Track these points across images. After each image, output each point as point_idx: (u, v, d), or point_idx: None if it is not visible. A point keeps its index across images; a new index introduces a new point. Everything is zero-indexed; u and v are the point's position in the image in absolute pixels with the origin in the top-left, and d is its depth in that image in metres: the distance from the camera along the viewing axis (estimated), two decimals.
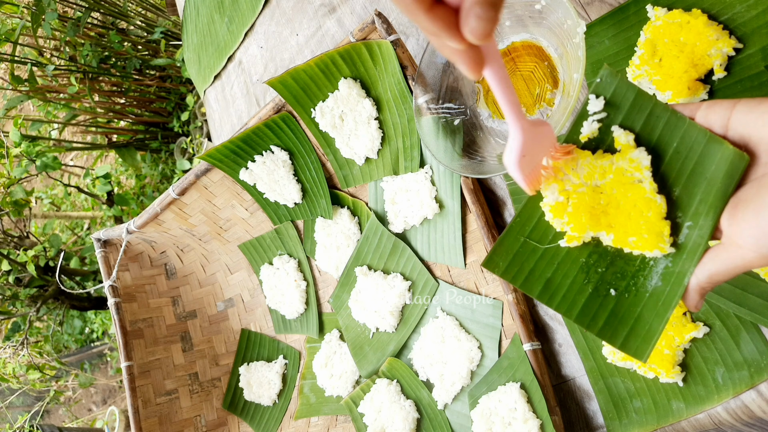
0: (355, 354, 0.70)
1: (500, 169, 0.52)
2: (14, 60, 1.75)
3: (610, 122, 0.36)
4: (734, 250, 0.31)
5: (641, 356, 0.33)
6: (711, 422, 0.47)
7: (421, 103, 0.59)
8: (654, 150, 0.35)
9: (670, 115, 0.34)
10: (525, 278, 0.36)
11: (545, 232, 0.37)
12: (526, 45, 0.57)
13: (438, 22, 0.26)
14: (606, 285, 0.35)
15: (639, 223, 0.34)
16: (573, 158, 0.36)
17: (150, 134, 2.30)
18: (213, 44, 1.05)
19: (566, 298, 0.36)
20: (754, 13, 0.46)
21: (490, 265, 0.37)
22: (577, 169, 0.36)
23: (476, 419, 0.56)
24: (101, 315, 2.59)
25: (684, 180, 0.34)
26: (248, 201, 0.81)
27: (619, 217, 0.34)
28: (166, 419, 0.82)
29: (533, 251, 0.37)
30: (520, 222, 0.37)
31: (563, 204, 0.35)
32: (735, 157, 0.32)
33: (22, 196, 1.76)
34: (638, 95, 0.35)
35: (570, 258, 0.36)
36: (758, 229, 0.29)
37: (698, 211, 0.33)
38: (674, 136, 0.34)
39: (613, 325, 0.34)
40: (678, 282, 0.33)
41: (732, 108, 0.32)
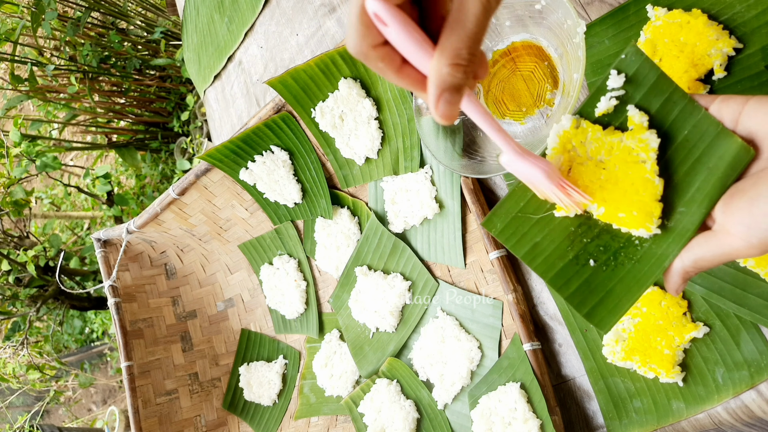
0: (355, 354, 0.70)
1: (500, 169, 0.52)
2: (14, 60, 1.75)
3: (627, 100, 0.36)
4: (724, 237, 0.31)
5: (603, 328, 0.34)
6: (711, 422, 0.47)
7: (421, 103, 0.59)
8: (664, 134, 0.35)
9: (687, 103, 0.34)
10: (517, 240, 0.38)
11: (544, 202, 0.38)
12: (526, 45, 0.57)
13: (407, 81, 0.30)
14: (587, 255, 0.36)
15: (632, 201, 0.34)
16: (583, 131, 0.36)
17: (150, 134, 2.30)
18: (213, 44, 1.05)
19: (547, 260, 0.37)
20: (754, 13, 0.46)
21: (488, 225, 0.39)
22: (585, 143, 0.36)
23: (476, 419, 0.56)
24: (101, 315, 2.59)
25: (687, 167, 0.34)
26: (248, 201, 0.81)
27: (615, 192, 0.35)
28: (166, 419, 0.82)
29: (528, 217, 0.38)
30: (522, 187, 0.38)
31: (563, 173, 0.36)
32: (740, 150, 0.32)
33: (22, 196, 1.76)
34: (660, 78, 0.35)
35: (560, 226, 0.37)
36: (750, 218, 0.30)
37: (694, 198, 0.34)
38: (687, 123, 0.34)
39: (585, 293, 0.36)
40: (657, 264, 0.34)
41: (744, 103, 0.33)
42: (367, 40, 0.28)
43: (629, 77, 0.36)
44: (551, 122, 0.53)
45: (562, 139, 0.37)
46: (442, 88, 0.28)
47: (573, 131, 0.37)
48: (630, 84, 0.36)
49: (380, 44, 0.29)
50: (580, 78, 0.45)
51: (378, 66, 0.29)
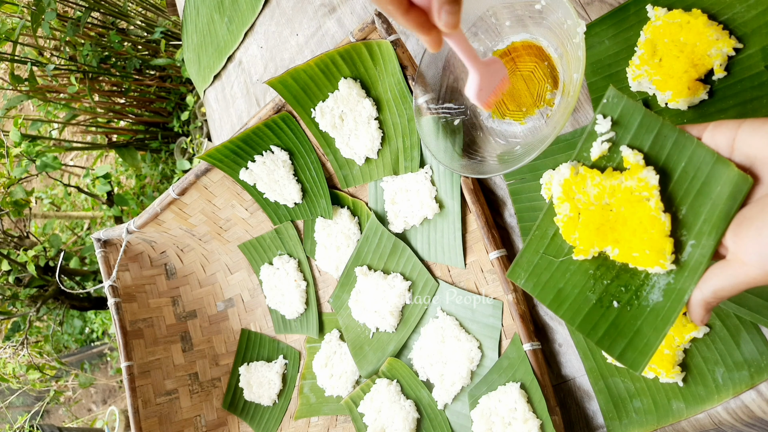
0: (355, 354, 0.70)
1: (500, 169, 0.52)
2: (14, 60, 1.75)
3: (618, 141, 0.37)
4: (739, 267, 0.31)
5: (637, 368, 0.34)
6: (711, 422, 0.47)
7: (421, 103, 0.59)
8: (662, 170, 0.35)
9: (678, 135, 0.35)
10: (542, 288, 0.39)
11: (560, 246, 0.39)
12: (526, 45, 0.57)
13: (414, 23, 0.34)
14: (610, 297, 0.37)
15: (642, 240, 0.35)
16: (583, 178, 0.37)
17: (150, 134, 2.30)
18: (213, 44, 1.05)
19: (572, 306, 0.38)
20: (754, 13, 0.46)
21: (513, 276, 0.41)
22: (587, 189, 0.37)
23: (476, 419, 0.56)
24: (101, 315, 2.59)
25: (690, 200, 0.34)
26: (248, 201, 0.81)
27: (625, 233, 0.36)
28: (166, 419, 0.82)
29: (549, 263, 0.39)
30: (539, 235, 0.40)
31: (574, 220, 0.37)
32: (739, 179, 0.32)
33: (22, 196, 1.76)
34: (645, 116, 0.36)
35: (580, 270, 0.38)
36: (762, 247, 0.30)
37: (702, 230, 0.34)
38: (682, 156, 0.35)
39: (613, 335, 0.36)
40: (678, 299, 0.34)
41: (737, 128, 0.33)
42: None
43: (615, 120, 0.37)
44: (551, 122, 0.53)
45: (564, 188, 0.38)
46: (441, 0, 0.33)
47: (573, 179, 0.38)
48: (618, 126, 0.37)
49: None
50: (580, 78, 0.45)
51: (387, 8, 0.33)
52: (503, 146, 0.58)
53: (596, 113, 0.38)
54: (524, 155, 0.50)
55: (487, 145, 0.59)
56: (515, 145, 0.56)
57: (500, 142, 0.58)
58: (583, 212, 0.37)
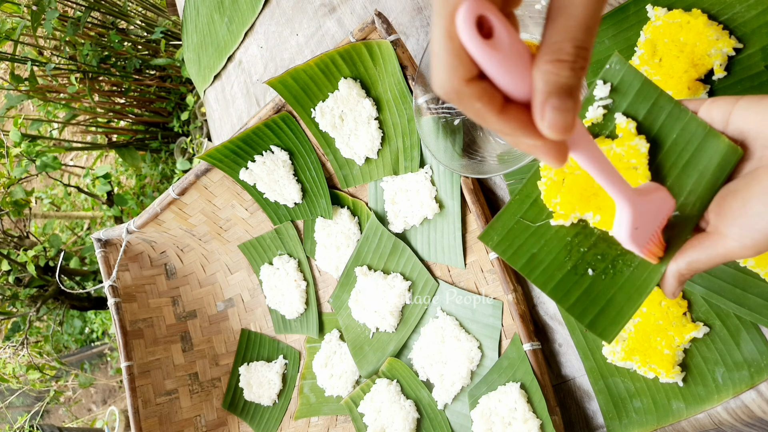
0: (355, 354, 0.70)
1: (500, 169, 0.52)
2: (14, 59, 1.75)
3: (614, 108, 0.37)
4: (718, 239, 0.31)
5: (607, 338, 0.34)
6: (711, 422, 0.47)
7: (421, 103, 0.59)
8: (653, 140, 0.35)
9: (674, 107, 0.34)
10: (513, 252, 0.38)
11: (540, 212, 0.38)
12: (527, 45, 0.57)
13: (512, 123, 0.24)
14: (585, 264, 0.36)
15: None
16: None
17: (150, 134, 2.30)
18: (213, 44, 1.05)
19: (545, 272, 0.37)
20: (754, 13, 0.46)
21: (485, 238, 0.39)
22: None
23: (476, 419, 0.56)
24: (101, 315, 2.59)
25: (678, 171, 0.34)
26: (248, 201, 0.81)
27: (609, 199, 0.35)
28: (166, 419, 0.82)
29: (525, 228, 0.38)
30: (519, 200, 0.39)
31: (558, 184, 0.36)
32: (728, 150, 0.32)
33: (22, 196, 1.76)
34: (644, 84, 0.36)
35: (557, 237, 0.37)
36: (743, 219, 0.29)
37: (686, 201, 0.33)
38: (675, 127, 0.34)
39: (585, 303, 0.35)
40: (656, 270, 0.34)
41: (734, 104, 0.32)
42: (458, 73, 0.23)
43: (615, 86, 0.37)
44: None
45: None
46: (545, 92, 0.23)
47: None
48: (616, 93, 0.37)
49: (475, 77, 0.23)
50: None
51: (475, 107, 0.23)
52: (503, 146, 0.58)
53: (597, 78, 0.37)
54: (524, 155, 0.50)
55: (487, 145, 0.59)
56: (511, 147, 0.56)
57: (500, 142, 0.58)
58: (568, 176, 0.36)
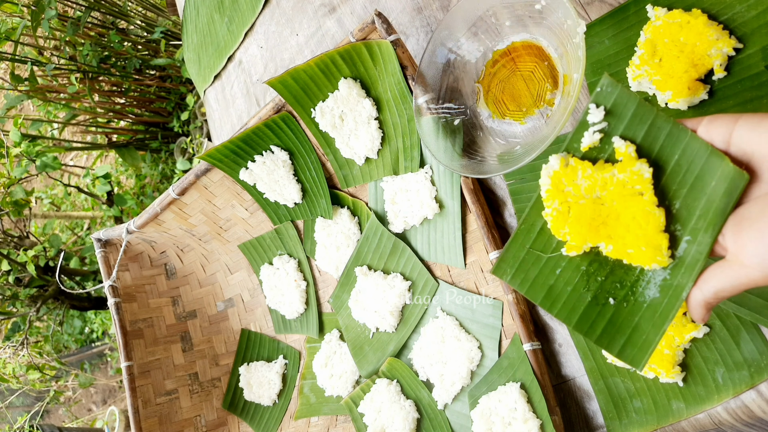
0: (355, 354, 0.70)
1: (500, 169, 0.52)
2: (14, 59, 1.75)
3: (611, 132, 0.36)
4: (739, 269, 0.31)
5: (637, 365, 0.34)
6: (711, 422, 0.47)
7: (421, 103, 0.59)
8: (655, 162, 0.34)
9: (672, 127, 0.34)
10: (530, 285, 0.38)
11: (548, 240, 0.37)
12: (526, 45, 0.57)
13: None
14: (605, 294, 0.36)
15: (637, 236, 0.34)
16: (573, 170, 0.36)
17: (150, 134, 2.30)
18: (213, 44, 1.05)
19: (566, 305, 0.36)
20: (754, 13, 0.46)
21: (498, 272, 0.39)
22: (577, 181, 0.36)
23: (476, 419, 0.56)
24: (101, 315, 2.59)
25: (684, 193, 0.33)
26: (248, 201, 0.81)
27: (619, 228, 0.35)
28: (166, 419, 0.82)
29: (537, 258, 0.38)
30: (525, 229, 0.38)
31: (564, 214, 0.36)
32: (735, 175, 0.31)
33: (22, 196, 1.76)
34: (639, 106, 0.35)
35: (571, 266, 0.37)
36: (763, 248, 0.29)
37: (697, 226, 0.33)
38: (676, 148, 0.34)
39: (611, 333, 0.35)
40: (675, 295, 0.33)
41: (734, 123, 0.32)
42: None
43: (609, 109, 0.36)
44: (551, 122, 0.53)
45: (554, 180, 0.37)
46: None
47: (563, 170, 0.36)
48: (611, 115, 0.36)
49: None
50: (580, 78, 0.45)
51: None
52: (503, 146, 0.58)
53: (589, 102, 0.36)
54: (524, 155, 0.50)
55: (487, 145, 0.59)
56: (515, 145, 0.56)
57: (500, 142, 0.58)
58: (573, 206, 0.36)
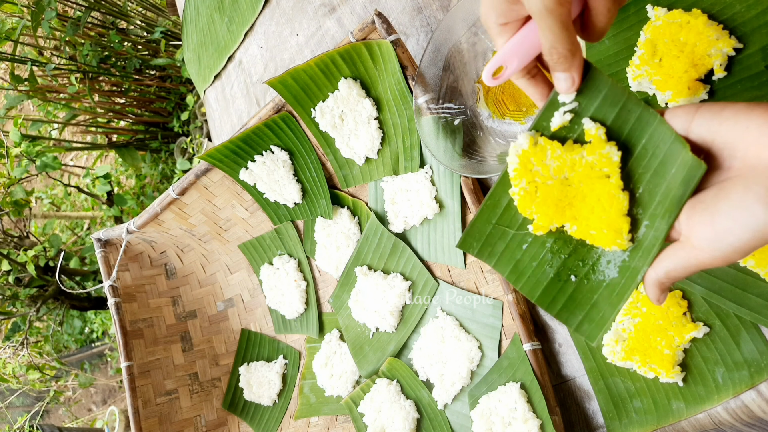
0: (355, 354, 0.70)
1: (500, 169, 0.52)
2: (14, 59, 1.75)
3: (581, 112, 0.36)
4: (690, 250, 0.32)
5: (592, 339, 0.35)
6: (711, 422, 0.47)
7: (421, 103, 0.59)
8: (624, 144, 0.34)
9: (642, 111, 0.34)
10: (497, 259, 0.39)
11: (515, 216, 0.38)
12: None
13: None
14: (568, 271, 0.37)
15: (600, 218, 0.34)
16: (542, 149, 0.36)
17: (150, 134, 2.30)
18: (213, 44, 1.05)
19: (530, 279, 0.38)
20: (754, 13, 0.46)
21: (464, 245, 0.39)
22: (546, 162, 0.36)
23: (476, 419, 0.56)
24: (101, 315, 2.59)
25: (648, 178, 0.34)
26: (248, 201, 0.81)
27: (584, 209, 0.35)
28: (166, 419, 0.82)
29: (503, 233, 0.38)
30: (491, 205, 0.38)
31: (531, 194, 0.36)
32: (693, 164, 0.31)
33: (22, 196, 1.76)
34: (611, 87, 0.35)
35: (537, 242, 0.37)
36: (712, 232, 0.30)
37: (656, 212, 0.33)
38: (644, 132, 0.34)
39: (571, 308, 0.36)
40: (632, 277, 0.34)
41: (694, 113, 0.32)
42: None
43: (581, 89, 0.35)
44: None
45: (522, 159, 0.36)
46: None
47: (532, 150, 0.36)
48: (582, 96, 0.35)
49: None
50: None
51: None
52: (503, 146, 0.58)
53: None
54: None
55: (487, 145, 0.59)
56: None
57: (500, 142, 0.58)
58: (540, 186, 0.36)
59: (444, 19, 0.58)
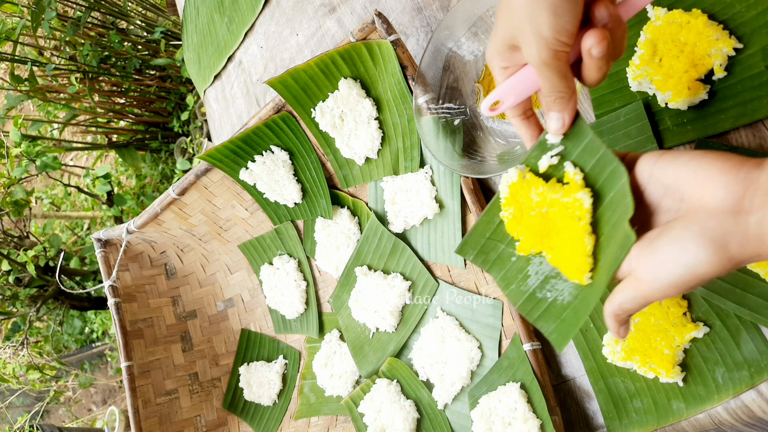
0: (355, 354, 0.70)
1: (500, 169, 0.52)
2: (14, 60, 1.75)
3: (566, 155, 0.39)
4: (636, 284, 0.34)
5: (560, 348, 0.40)
6: (711, 422, 0.47)
7: (421, 103, 0.59)
8: (596, 192, 0.38)
9: (616, 165, 0.36)
10: (490, 266, 0.45)
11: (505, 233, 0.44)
12: None
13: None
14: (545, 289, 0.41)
15: (568, 255, 0.39)
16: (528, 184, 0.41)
17: (150, 134, 2.30)
18: (213, 44, 1.05)
19: (515, 289, 0.43)
20: (754, 13, 0.46)
21: (462, 252, 0.45)
22: (531, 195, 0.40)
23: (476, 419, 0.56)
24: (101, 315, 2.59)
25: (608, 229, 0.37)
26: (248, 201, 0.81)
27: (558, 242, 0.39)
28: (166, 419, 0.82)
29: (495, 246, 0.44)
30: (486, 221, 0.44)
31: (517, 219, 0.42)
32: (627, 234, 0.34)
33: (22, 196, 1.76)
34: (592, 139, 0.38)
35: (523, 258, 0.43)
36: (652, 266, 0.33)
37: (605, 262, 0.36)
38: (613, 185, 0.36)
39: (545, 319, 0.41)
40: (586, 307, 0.38)
41: (658, 158, 0.35)
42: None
43: (568, 134, 0.39)
44: None
45: (511, 190, 0.42)
46: None
47: (520, 183, 0.41)
48: (568, 140, 0.39)
49: None
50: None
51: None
52: (503, 146, 0.58)
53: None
54: (524, 155, 0.50)
55: (487, 145, 0.59)
56: (515, 145, 0.56)
57: (500, 142, 0.58)
58: (524, 216, 0.41)
59: (444, 19, 0.57)
